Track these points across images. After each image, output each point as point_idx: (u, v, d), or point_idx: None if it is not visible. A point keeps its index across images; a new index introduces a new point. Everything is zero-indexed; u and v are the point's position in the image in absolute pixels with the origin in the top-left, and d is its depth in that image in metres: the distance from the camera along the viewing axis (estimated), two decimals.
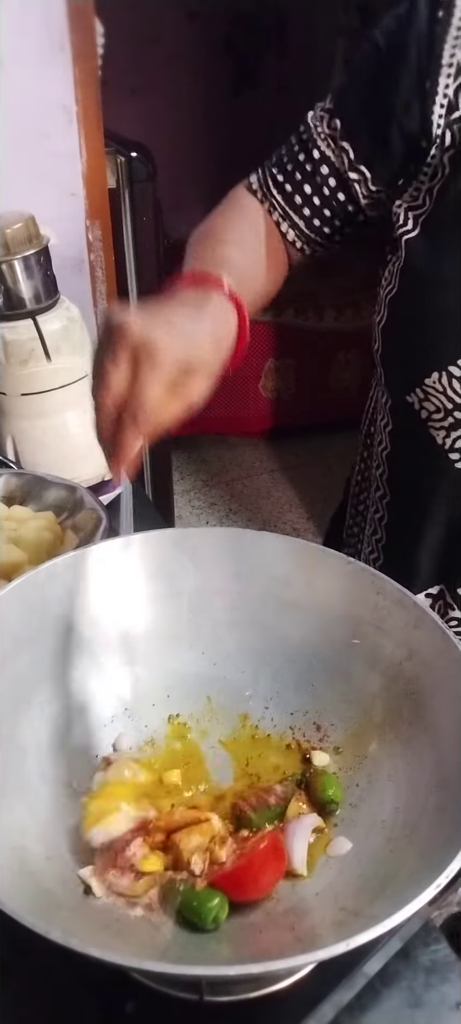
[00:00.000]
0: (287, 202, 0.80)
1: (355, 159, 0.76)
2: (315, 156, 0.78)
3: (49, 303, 1.10)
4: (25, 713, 0.61)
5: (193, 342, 0.59)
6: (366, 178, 0.76)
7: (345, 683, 0.66)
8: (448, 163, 0.71)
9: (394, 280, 0.76)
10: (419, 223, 0.73)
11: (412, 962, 0.56)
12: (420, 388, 0.74)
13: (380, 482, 0.87)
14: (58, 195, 1.59)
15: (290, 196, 0.80)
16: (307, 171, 0.79)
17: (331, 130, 0.77)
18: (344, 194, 0.78)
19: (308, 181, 0.79)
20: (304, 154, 0.79)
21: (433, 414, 0.74)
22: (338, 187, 0.78)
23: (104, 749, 0.65)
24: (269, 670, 0.69)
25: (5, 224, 1.05)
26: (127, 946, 0.51)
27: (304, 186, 0.79)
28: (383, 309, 0.78)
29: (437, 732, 0.58)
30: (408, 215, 0.74)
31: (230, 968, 0.47)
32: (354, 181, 0.77)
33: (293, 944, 0.51)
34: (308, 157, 0.79)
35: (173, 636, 0.69)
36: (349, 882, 0.55)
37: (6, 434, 1.08)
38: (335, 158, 0.77)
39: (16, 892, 0.49)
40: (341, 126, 0.76)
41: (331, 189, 0.78)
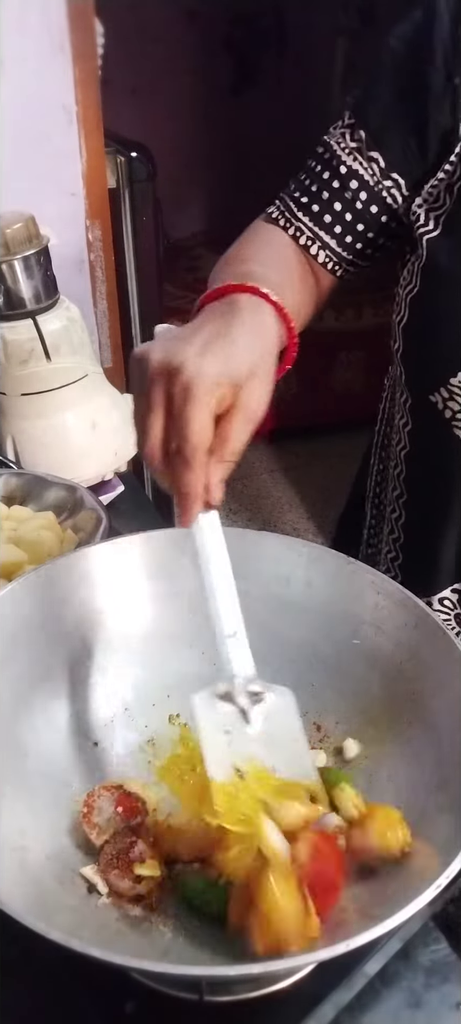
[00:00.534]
0: (316, 223, 0.77)
1: (386, 167, 0.75)
2: (342, 172, 0.76)
3: (49, 303, 1.10)
4: (25, 713, 0.61)
5: (229, 352, 0.54)
6: (399, 184, 0.75)
7: (345, 683, 0.66)
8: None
9: (415, 279, 0.75)
10: (440, 222, 0.73)
11: (412, 962, 0.56)
12: (445, 387, 0.73)
13: (397, 482, 0.86)
14: (58, 195, 1.59)
15: (318, 216, 0.77)
16: (335, 188, 0.76)
17: (356, 143, 0.75)
18: (377, 205, 0.76)
19: (337, 198, 0.76)
20: (329, 172, 0.77)
21: (457, 413, 0.74)
22: (369, 199, 0.76)
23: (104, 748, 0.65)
24: (269, 670, 0.69)
25: (5, 224, 1.05)
26: (127, 946, 0.51)
27: (334, 204, 0.77)
28: (404, 308, 0.77)
29: (437, 732, 0.58)
30: (429, 216, 0.73)
31: (230, 968, 0.47)
32: (387, 189, 0.75)
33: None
34: (334, 174, 0.76)
35: (173, 636, 0.69)
36: (349, 882, 0.55)
37: (6, 434, 1.08)
38: (364, 170, 0.75)
39: (16, 892, 0.49)
40: (367, 136, 0.75)
41: (363, 203, 0.76)
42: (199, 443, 0.52)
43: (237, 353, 0.55)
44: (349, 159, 0.76)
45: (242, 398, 0.54)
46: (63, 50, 1.50)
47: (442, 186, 0.73)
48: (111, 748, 0.65)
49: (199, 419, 0.51)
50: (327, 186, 0.77)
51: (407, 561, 0.88)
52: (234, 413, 0.54)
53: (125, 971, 0.51)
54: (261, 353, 0.57)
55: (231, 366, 0.54)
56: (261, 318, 0.60)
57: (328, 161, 0.77)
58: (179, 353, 0.53)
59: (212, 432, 0.53)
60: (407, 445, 0.84)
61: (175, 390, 0.52)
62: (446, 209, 0.73)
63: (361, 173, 0.75)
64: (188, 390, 0.51)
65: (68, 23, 1.48)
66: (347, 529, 1.03)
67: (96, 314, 1.75)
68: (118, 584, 0.69)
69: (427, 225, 0.73)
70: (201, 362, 0.52)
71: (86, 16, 1.50)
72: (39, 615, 0.64)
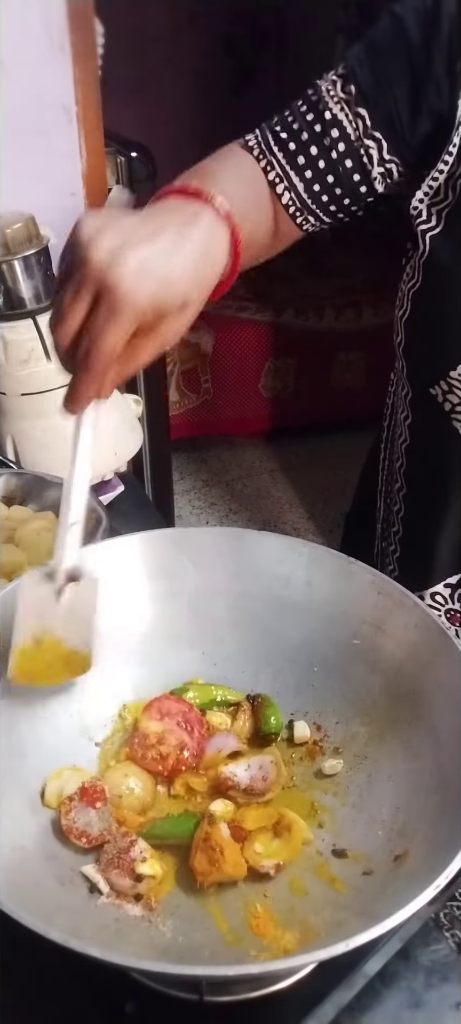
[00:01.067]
0: (288, 160, 0.76)
1: (371, 125, 0.73)
2: (326, 117, 0.74)
3: (49, 303, 1.10)
4: (25, 713, 0.61)
5: (170, 278, 0.53)
6: (381, 145, 0.74)
7: (345, 683, 0.66)
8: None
9: (417, 274, 0.75)
10: (442, 217, 0.73)
11: (412, 962, 0.56)
12: (444, 380, 0.74)
13: (398, 475, 0.87)
14: (58, 195, 1.59)
15: (293, 155, 0.75)
16: (315, 131, 0.75)
17: (345, 95, 0.74)
18: (352, 161, 0.75)
19: (315, 142, 0.75)
20: (313, 114, 0.75)
21: (457, 406, 0.74)
22: (347, 153, 0.74)
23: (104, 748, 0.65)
24: (270, 670, 0.69)
25: (5, 224, 1.05)
26: (127, 946, 0.51)
27: (310, 147, 0.75)
28: (406, 303, 0.77)
29: (437, 732, 0.58)
30: (431, 211, 0.73)
31: (230, 968, 0.47)
32: (366, 148, 0.74)
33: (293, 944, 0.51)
34: (317, 118, 0.75)
35: (173, 636, 0.69)
36: (349, 882, 0.55)
37: (6, 434, 1.08)
38: (348, 123, 0.74)
39: (16, 892, 0.49)
40: (357, 91, 0.74)
41: (339, 154, 0.75)
42: (106, 357, 0.53)
43: (177, 279, 0.54)
44: (336, 108, 0.74)
45: (162, 326, 0.55)
46: (63, 50, 1.50)
47: (442, 179, 0.72)
48: (111, 747, 0.65)
49: (114, 337, 0.52)
50: (308, 127, 0.75)
51: (404, 555, 0.88)
52: (150, 335, 0.55)
53: (125, 971, 0.51)
54: (201, 284, 0.57)
55: (165, 295, 0.53)
56: (214, 243, 0.59)
57: (314, 104, 0.76)
58: (120, 261, 0.51)
59: (121, 350, 0.53)
60: (407, 438, 0.84)
61: (103, 299, 0.52)
62: (448, 204, 0.73)
63: (344, 125, 0.74)
64: (114, 307, 0.51)
65: (68, 23, 1.48)
66: (357, 526, 1.03)
67: None
68: (118, 584, 0.68)
69: (429, 221, 0.73)
70: (137, 283, 0.52)
71: (86, 16, 1.50)
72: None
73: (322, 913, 0.54)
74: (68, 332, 0.54)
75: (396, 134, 0.73)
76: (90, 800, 0.58)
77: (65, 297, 0.53)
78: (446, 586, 0.84)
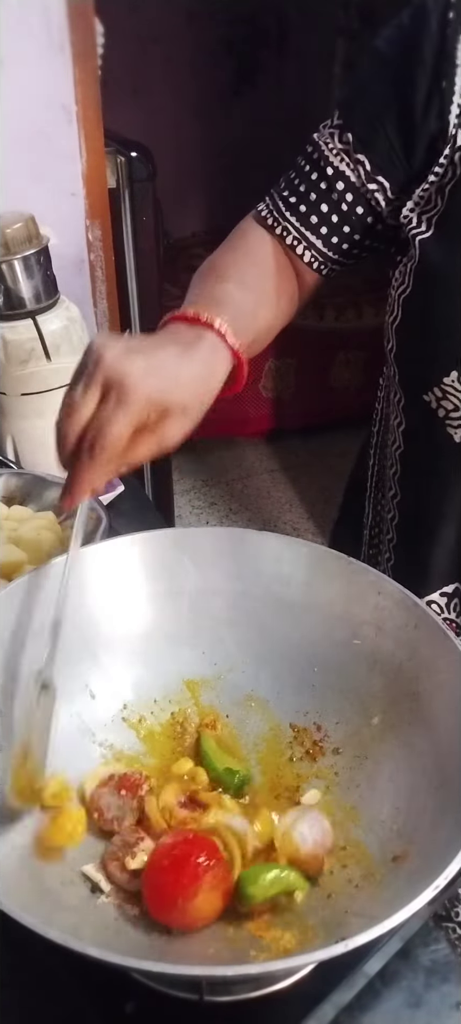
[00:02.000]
0: (303, 223, 0.79)
1: (371, 170, 0.75)
2: (329, 173, 0.77)
3: (49, 303, 1.10)
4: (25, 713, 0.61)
5: (174, 383, 0.58)
6: (384, 187, 0.75)
7: (345, 683, 0.66)
8: (460, 163, 0.71)
9: (408, 280, 0.75)
10: (432, 224, 0.73)
11: (412, 962, 0.56)
12: (438, 387, 0.73)
13: (393, 482, 0.86)
14: (58, 195, 1.59)
15: (305, 217, 0.78)
16: (322, 189, 0.77)
17: (343, 144, 0.76)
18: (362, 207, 0.77)
19: (324, 200, 0.77)
20: (317, 173, 0.77)
21: (451, 412, 0.74)
22: (355, 201, 0.77)
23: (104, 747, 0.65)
24: (270, 670, 0.69)
25: (5, 224, 1.05)
26: (127, 946, 0.51)
27: (321, 205, 0.78)
28: (397, 309, 0.77)
29: (437, 733, 0.58)
30: (421, 218, 0.74)
31: (230, 968, 0.47)
32: (373, 192, 0.76)
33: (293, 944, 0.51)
34: (321, 176, 0.77)
35: (173, 636, 0.70)
36: (349, 882, 0.55)
37: (6, 434, 1.08)
38: (350, 172, 0.76)
39: (16, 892, 0.49)
40: (354, 139, 0.75)
41: (349, 204, 0.77)
42: (112, 446, 0.56)
43: (180, 385, 0.59)
44: (336, 160, 0.76)
45: (163, 427, 0.58)
46: (63, 50, 1.50)
47: (433, 189, 0.73)
48: (111, 747, 0.65)
49: (120, 425, 0.55)
50: (315, 187, 0.78)
51: (399, 562, 0.88)
52: (150, 435, 0.58)
53: (125, 971, 0.51)
54: (200, 397, 0.61)
55: (169, 396, 0.57)
56: (216, 361, 0.64)
57: (316, 161, 0.78)
58: (129, 363, 0.56)
59: (126, 439, 0.56)
60: (401, 445, 0.84)
61: (112, 390, 0.55)
62: (438, 210, 0.73)
63: (348, 175, 0.76)
64: (122, 397, 0.55)
65: (68, 23, 1.48)
66: (345, 531, 1.03)
67: (96, 314, 1.75)
68: (118, 584, 0.69)
69: (420, 227, 0.74)
70: (145, 377, 0.56)
71: (86, 16, 1.50)
72: (39, 615, 0.64)
73: (322, 913, 0.54)
74: (79, 422, 0.56)
75: (395, 171, 0.75)
76: (120, 787, 0.59)
77: (76, 391, 0.57)
78: (442, 595, 0.84)
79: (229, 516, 2.88)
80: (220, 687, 0.69)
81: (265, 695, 0.69)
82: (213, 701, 0.69)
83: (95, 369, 0.56)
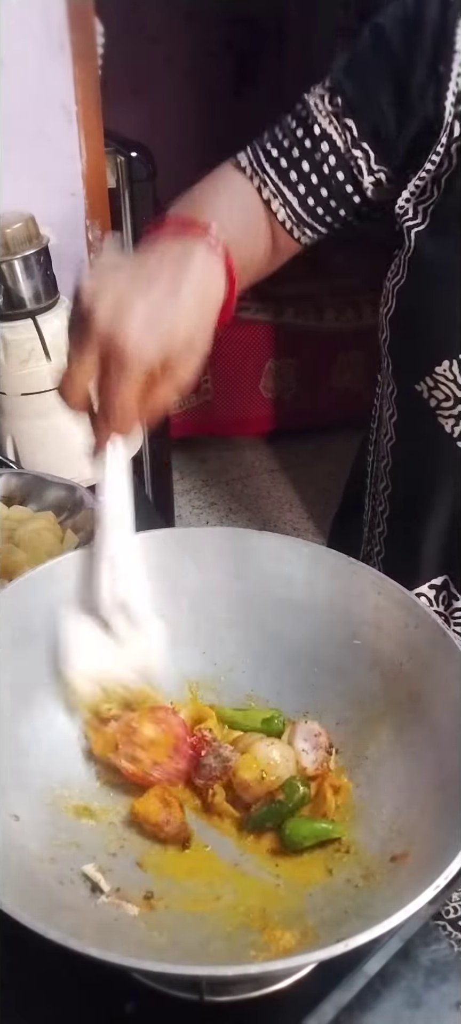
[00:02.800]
0: (281, 178, 0.77)
1: (359, 136, 0.74)
2: (315, 132, 0.76)
3: (49, 303, 1.10)
4: (25, 713, 0.61)
5: (172, 331, 0.56)
6: (369, 156, 0.75)
7: (345, 683, 0.66)
8: (456, 153, 0.70)
9: (402, 270, 0.75)
10: (428, 214, 0.73)
11: (412, 962, 0.56)
12: (430, 376, 0.73)
13: (384, 474, 0.87)
14: (58, 195, 1.59)
15: (285, 172, 0.77)
16: (306, 147, 0.76)
17: (333, 107, 0.75)
18: (344, 173, 0.76)
19: (306, 157, 0.76)
20: (303, 130, 0.77)
21: (442, 402, 0.74)
22: (338, 165, 0.76)
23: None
24: (270, 670, 0.69)
25: (5, 224, 1.05)
26: (127, 946, 0.51)
27: (302, 163, 0.77)
28: (391, 299, 0.77)
29: (437, 733, 0.58)
30: (417, 209, 0.74)
31: (230, 968, 0.47)
32: (356, 159, 0.75)
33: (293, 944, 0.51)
34: (307, 133, 0.76)
35: (173, 636, 0.69)
36: (349, 882, 0.55)
37: (6, 434, 1.08)
38: (337, 135, 0.75)
39: (16, 892, 0.49)
40: (343, 103, 0.75)
41: (331, 167, 0.76)
42: (123, 414, 0.56)
43: (180, 325, 0.57)
44: (324, 121, 0.76)
45: (174, 368, 0.57)
46: (63, 50, 1.50)
47: (429, 178, 0.73)
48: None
49: (126, 392, 0.55)
50: (299, 144, 0.77)
51: (389, 556, 0.88)
52: (164, 379, 0.57)
53: (125, 971, 0.51)
54: (203, 323, 0.59)
55: (171, 342, 0.56)
56: (211, 277, 0.61)
57: (304, 119, 0.77)
58: (124, 323, 0.54)
59: (135, 402, 0.56)
60: (393, 437, 0.84)
61: (111, 360, 0.55)
62: (434, 201, 0.73)
63: (334, 138, 0.75)
64: (123, 365, 0.54)
65: (68, 23, 1.48)
66: (342, 527, 1.03)
67: None
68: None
69: (416, 218, 0.74)
70: (141, 339, 0.54)
71: (86, 16, 1.50)
72: (39, 615, 0.64)
73: (322, 913, 0.53)
74: (81, 388, 0.57)
75: (383, 143, 0.74)
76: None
77: (72, 364, 0.57)
78: (431, 587, 0.84)
79: (229, 516, 2.89)
80: (220, 687, 0.69)
81: (265, 695, 0.69)
82: (213, 701, 0.69)
83: (88, 329, 0.55)
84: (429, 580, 0.84)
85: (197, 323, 0.58)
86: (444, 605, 0.83)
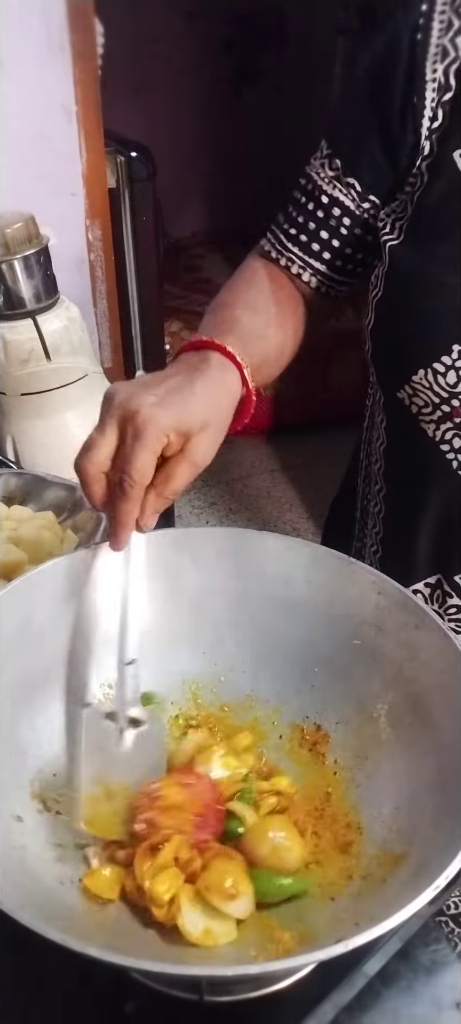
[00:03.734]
0: (305, 251, 0.82)
1: (362, 191, 0.78)
2: (324, 201, 0.80)
3: (49, 303, 1.10)
4: (25, 713, 0.61)
5: (183, 405, 0.60)
6: (377, 205, 0.78)
7: (346, 683, 0.66)
8: (426, 171, 0.74)
9: (380, 284, 0.79)
10: (403, 230, 0.76)
11: (412, 962, 0.56)
12: (408, 385, 0.76)
13: (377, 476, 0.89)
14: (58, 195, 1.60)
15: (307, 245, 0.82)
16: (319, 217, 0.81)
17: (333, 171, 0.79)
18: (360, 227, 0.80)
19: (323, 227, 0.81)
20: (313, 203, 0.81)
21: (422, 409, 0.76)
22: (353, 223, 0.80)
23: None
24: (270, 670, 0.69)
25: (5, 224, 1.05)
26: (127, 946, 0.51)
27: (320, 232, 0.81)
28: (371, 311, 0.81)
29: (438, 733, 0.58)
30: (395, 225, 0.77)
31: (230, 968, 0.47)
32: (366, 211, 0.79)
33: (293, 944, 0.51)
34: (317, 204, 0.81)
35: (173, 636, 0.69)
36: (349, 882, 0.55)
37: (6, 434, 1.08)
38: (344, 196, 0.79)
39: (15, 891, 0.49)
40: (342, 164, 0.78)
41: (347, 227, 0.80)
42: (139, 480, 0.57)
43: (193, 405, 0.60)
44: (329, 188, 0.80)
45: (190, 447, 0.60)
46: (63, 50, 1.50)
47: (407, 198, 0.76)
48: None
49: (142, 459, 0.57)
50: (313, 216, 0.81)
51: (386, 555, 0.90)
52: (180, 458, 0.60)
53: (125, 971, 0.51)
54: (217, 408, 0.63)
55: (184, 418, 0.59)
56: (225, 376, 0.65)
57: (311, 192, 0.81)
58: (139, 398, 0.58)
59: (152, 472, 0.58)
60: (384, 440, 0.87)
61: (128, 429, 0.57)
62: (407, 217, 0.76)
63: (342, 200, 0.79)
64: (138, 433, 0.57)
65: (68, 23, 1.48)
66: (334, 528, 1.06)
67: (96, 314, 1.75)
68: (118, 584, 0.68)
69: (392, 233, 0.77)
70: (156, 411, 0.57)
71: (86, 16, 1.50)
72: (39, 615, 0.64)
73: (322, 913, 0.54)
74: (97, 457, 0.58)
75: (383, 186, 0.78)
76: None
77: (93, 432, 0.59)
78: (426, 585, 0.86)
79: (229, 516, 2.88)
80: (220, 687, 0.69)
81: (265, 695, 0.69)
82: (213, 701, 0.69)
83: (109, 409, 0.59)
84: (424, 579, 0.85)
85: (211, 404, 0.62)
86: (438, 603, 0.85)
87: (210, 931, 0.51)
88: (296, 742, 0.66)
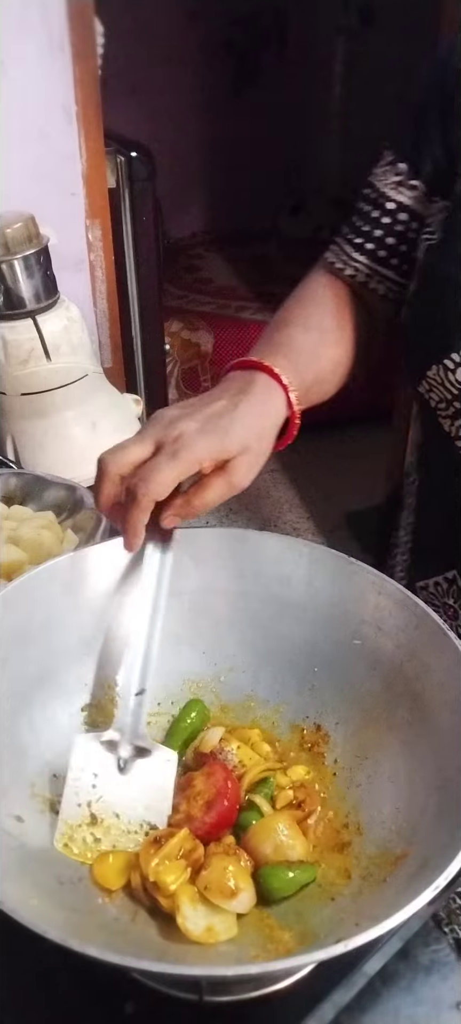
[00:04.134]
0: (373, 260, 0.82)
1: (428, 191, 0.78)
2: (389, 208, 0.80)
3: (49, 303, 1.10)
4: (25, 713, 0.61)
5: (224, 434, 0.60)
6: (438, 203, 0.78)
7: (346, 683, 0.66)
8: None
9: (415, 279, 0.79)
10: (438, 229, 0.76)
11: (412, 962, 0.56)
12: (425, 380, 0.76)
13: (412, 468, 0.92)
14: (58, 195, 1.59)
15: (373, 253, 0.82)
16: (385, 224, 0.81)
17: (398, 176, 0.79)
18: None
19: (390, 234, 0.81)
20: (378, 211, 0.81)
21: (438, 404, 0.77)
22: (420, 228, 0.80)
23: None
24: (270, 670, 0.69)
25: (5, 224, 1.05)
26: (127, 946, 0.51)
27: (387, 239, 0.81)
28: (405, 306, 0.81)
29: (437, 733, 0.58)
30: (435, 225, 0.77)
31: (230, 968, 0.47)
32: (432, 212, 0.79)
33: (293, 944, 0.51)
34: (383, 212, 0.80)
35: (173, 636, 0.69)
36: (349, 882, 0.55)
37: (6, 434, 1.08)
38: (409, 200, 0.79)
39: (15, 891, 0.49)
40: (408, 168, 0.79)
41: (414, 231, 0.80)
42: (153, 491, 0.57)
43: (234, 432, 0.60)
44: (394, 193, 0.80)
45: (229, 467, 0.61)
46: (63, 50, 1.50)
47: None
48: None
49: (166, 474, 0.57)
50: (378, 224, 0.81)
51: (415, 545, 0.91)
52: (219, 472, 0.60)
53: (125, 971, 0.51)
54: (258, 434, 0.63)
55: (224, 445, 0.60)
56: (270, 397, 0.66)
57: (375, 200, 0.81)
58: (182, 423, 0.59)
59: (169, 491, 0.58)
60: (416, 432, 0.89)
61: (165, 448, 0.58)
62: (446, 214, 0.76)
63: (408, 204, 0.79)
64: (172, 453, 0.57)
65: (68, 23, 1.48)
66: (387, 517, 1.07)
67: (96, 314, 1.75)
68: (118, 584, 0.68)
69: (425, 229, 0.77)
70: (195, 437, 0.58)
71: (86, 16, 1.50)
72: (39, 615, 0.64)
73: (322, 913, 0.54)
74: (122, 460, 0.59)
75: (444, 184, 0.77)
76: None
77: (128, 440, 0.59)
78: (445, 579, 0.86)
79: (229, 516, 2.88)
80: (220, 687, 0.69)
81: (265, 695, 0.69)
82: (213, 701, 0.69)
83: (152, 424, 0.60)
84: (443, 572, 0.86)
85: (252, 429, 0.62)
86: (453, 599, 0.85)
87: (211, 928, 0.51)
88: (296, 742, 0.66)
